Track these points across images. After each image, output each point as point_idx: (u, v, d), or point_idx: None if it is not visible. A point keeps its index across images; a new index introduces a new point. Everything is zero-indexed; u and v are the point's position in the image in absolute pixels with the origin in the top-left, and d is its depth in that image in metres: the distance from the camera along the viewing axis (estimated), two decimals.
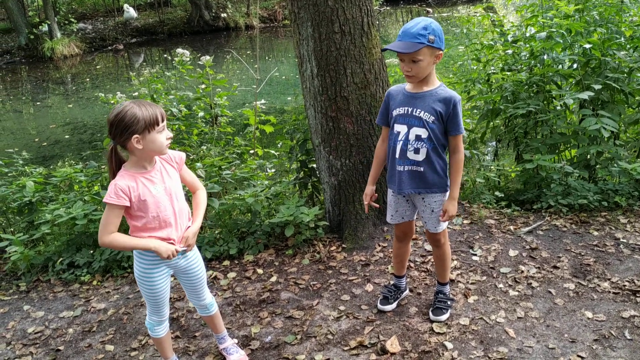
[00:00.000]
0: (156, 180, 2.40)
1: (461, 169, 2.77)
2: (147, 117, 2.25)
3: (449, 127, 2.70)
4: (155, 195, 2.37)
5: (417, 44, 2.51)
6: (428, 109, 2.67)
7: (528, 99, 4.47)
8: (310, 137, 4.15)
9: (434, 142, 2.70)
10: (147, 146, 2.29)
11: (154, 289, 2.53)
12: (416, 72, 2.59)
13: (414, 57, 2.55)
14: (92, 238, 4.15)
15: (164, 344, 2.74)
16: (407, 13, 23.37)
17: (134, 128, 2.23)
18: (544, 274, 3.43)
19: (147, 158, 2.38)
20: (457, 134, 2.71)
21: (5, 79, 16.57)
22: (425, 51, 2.54)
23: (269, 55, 16.37)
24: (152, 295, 2.54)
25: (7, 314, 3.63)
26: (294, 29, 3.84)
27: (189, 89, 5.54)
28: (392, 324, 3.05)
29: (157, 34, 21.41)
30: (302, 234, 3.97)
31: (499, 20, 5.56)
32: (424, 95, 2.70)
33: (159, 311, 2.61)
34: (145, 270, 2.49)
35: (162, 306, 2.60)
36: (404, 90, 2.77)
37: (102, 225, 2.32)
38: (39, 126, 10.62)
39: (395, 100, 2.79)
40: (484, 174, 4.66)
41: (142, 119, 2.24)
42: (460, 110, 2.70)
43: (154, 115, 2.27)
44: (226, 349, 2.90)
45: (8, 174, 5.11)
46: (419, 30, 2.51)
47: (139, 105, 2.26)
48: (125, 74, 15.42)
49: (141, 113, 2.24)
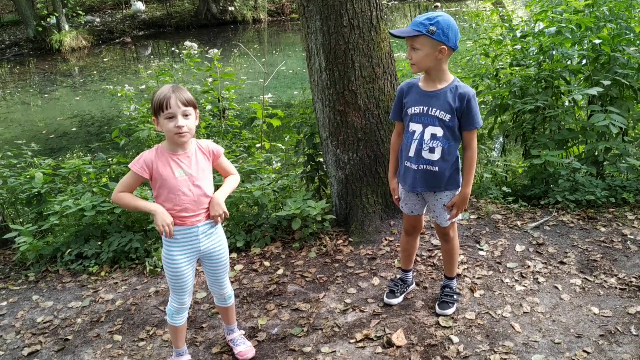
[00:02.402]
0: (183, 164, 2.47)
1: (474, 165, 2.77)
2: (155, 102, 2.37)
3: (462, 122, 2.70)
4: (177, 178, 2.44)
5: (414, 30, 2.55)
6: (444, 107, 2.67)
7: (536, 95, 4.46)
8: (318, 131, 4.16)
9: (449, 141, 2.70)
10: (162, 129, 2.40)
11: (177, 272, 2.56)
12: (415, 60, 2.61)
13: (413, 44, 2.58)
14: (100, 229, 4.17)
15: (179, 334, 2.76)
16: (415, 7, 23.29)
17: (153, 109, 2.39)
18: (550, 269, 3.43)
19: (170, 140, 2.44)
20: (471, 129, 2.71)
21: (13, 71, 16.65)
22: (423, 41, 2.56)
23: (276, 49, 16.36)
24: (174, 279, 2.57)
25: (16, 303, 3.67)
26: (303, 23, 3.84)
27: (197, 82, 5.56)
28: (398, 318, 3.06)
29: (165, 27, 21.45)
30: (308, 227, 3.99)
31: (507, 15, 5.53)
32: (439, 93, 2.69)
33: (181, 297, 2.63)
34: (168, 252, 2.54)
35: (184, 292, 2.62)
36: (418, 88, 2.76)
37: (118, 183, 2.47)
38: (47, 118, 10.67)
39: (410, 98, 2.78)
40: (491, 169, 4.65)
41: (153, 103, 2.38)
42: (476, 104, 2.69)
43: (160, 100, 2.35)
44: (233, 340, 2.92)
45: (17, 165, 5.14)
46: (422, 20, 2.56)
47: (162, 89, 2.38)
48: (133, 67, 15.46)
49: (155, 96, 2.37)
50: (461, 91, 2.66)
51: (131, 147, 4.78)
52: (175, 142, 2.43)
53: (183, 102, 2.36)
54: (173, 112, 2.34)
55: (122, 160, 4.74)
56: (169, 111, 2.34)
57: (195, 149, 2.53)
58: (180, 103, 2.35)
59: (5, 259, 4.48)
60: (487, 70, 5.14)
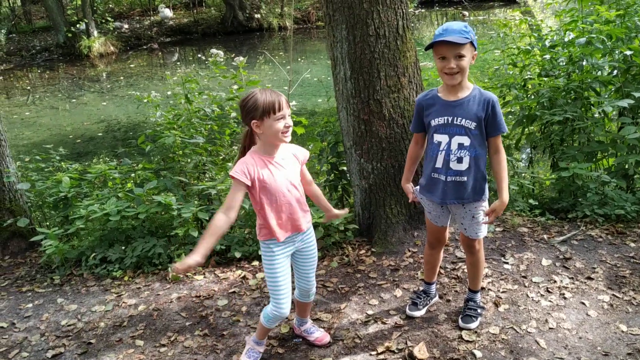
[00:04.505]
0: (280, 166, 2.55)
1: (506, 168, 2.72)
2: (265, 104, 2.43)
3: (488, 128, 2.67)
4: (277, 180, 2.52)
5: (465, 38, 2.52)
6: (469, 115, 2.64)
7: (565, 106, 4.38)
8: (342, 140, 4.15)
9: (476, 149, 2.67)
10: (265, 131, 2.46)
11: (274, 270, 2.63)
12: (462, 67, 2.57)
13: (459, 52, 2.54)
14: (124, 234, 4.22)
15: (267, 332, 2.87)
16: (442, 16, 23.18)
17: (253, 114, 2.44)
18: (577, 284, 3.35)
19: (269, 143, 2.53)
20: (497, 134, 2.69)
21: (43, 76, 17.00)
22: (468, 48, 2.56)
23: (301, 56, 16.42)
24: (271, 278, 2.64)
25: (41, 305, 3.71)
26: (328, 32, 3.84)
27: (222, 89, 5.59)
28: (420, 330, 3.02)
29: (191, 33, 21.70)
30: (331, 237, 3.97)
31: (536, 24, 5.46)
32: (462, 102, 2.66)
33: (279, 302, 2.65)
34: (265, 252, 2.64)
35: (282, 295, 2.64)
36: (440, 99, 2.73)
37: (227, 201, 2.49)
38: (74, 123, 10.86)
39: (432, 110, 2.75)
40: (517, 180, 4.58)
41: (261, 106, 2.43)
42: (499, 109, 2.68)
43: (272, 102, 2.43)
44: (307, 329, 3.01)
45: (45, 169, 5.23)
46: (462, 28, 2.55)
47: (262, 93, 2.45)
48: (160, 73, 15.66)
49: (262, 100, 2.43)
50: (485, 98, 2.65)
51: (156, 153, 4.83)
52: (279, 141, 2.52)
53: (287, 103, 2.50)
54: (284, 113, 2.45)
55: (147, 166, 4.79)
56: (281, 112, 2.44)
57: (287, 151, 2.63)
58: (287, 105, 2.48)
59: (32, 261, 4.55)
60: (515, 80, 5.08)
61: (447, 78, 2.63)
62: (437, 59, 2.62)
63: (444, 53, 2.57)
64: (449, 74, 2.60)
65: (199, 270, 3.95)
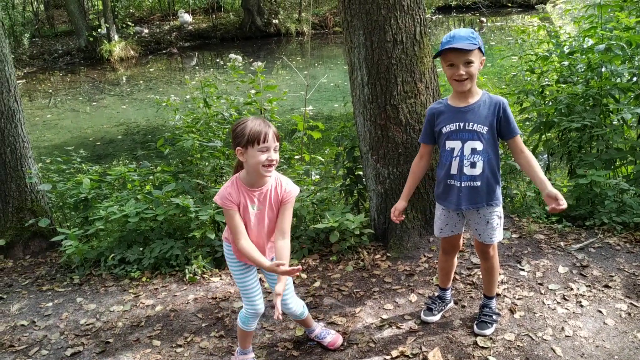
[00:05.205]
0: (256, 200, 2.53)
1: (537, 163, 2.68)
2: (252, 133, 2.39)
3: (503, 132, 2.68)
4: (250, 213, 2.52)
5: (472, 44, 2.54)
6: (480, 120, 2.65)
7: (583, 112, 4.36)
8: (358, 145, 4.17)
9: (489, 153, 2.68)
10: (248, 160, 2.44)
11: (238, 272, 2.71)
12: (472, 73, 2.59)
13: (468, 58, 2.56)
14: (142, 236, 4.28)
15: (249, 337, 2.90)
16: (459, 22, 23.12)
17: (239, 140, 2.42)
18: (594, 292, 3.33)
19: (252, 173, 2.49)
20: (514, 135, 2.69)
21: (64, 80, 17.27)
22: (476, 54, 2.58)
23: (318, 61, 16.48)
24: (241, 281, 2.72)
25: (61, 305, 3.78)
26: (346, 37, 3.87)
27: (240, 93, 5.65)
28: (435, 336, 3.02)
29: (210, 38, 21.91)
30: (346, 241, 3.99)
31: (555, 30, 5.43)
32: (472, 107, 2.68)
33: (251, 303, 2.73)
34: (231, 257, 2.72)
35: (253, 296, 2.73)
36: (450, 107, 2.75)
37: (233, 233, 2.53)
38: (94, 125, 11.02)
39: (442, 118, 2.76)
40: (534, 187, 4.56)
41: (247, 134, 2.39)
42: (510, 111, 2.69)
43: (258, 133, 2.39)
44: (318, 335, 3.02)
45: (65, 171, 5.33)
46: (469, 34, 2.57)
47: (253, 121, 2.42)
48: (178, 77, 15.82)
49: (249, 128, 2.40)
50: (495, 101, 2.67)
51: (175, 156, 4.89)
52: (260, 174, 2.47)
53: (277, 137, 2.45)
54: (268, 146, 2.41)
55: (166, 169, 4.85)
56: (265, 144, 2.40)
57: (272, 185, 2.57)
58: (275, 138, 2.44)
59: (52, 261, 4.64)
60: (533, 86, 5.06)
61: (457, 85, 2.64)
62: (446, 66, 2.64)
63: (452, 60, 2.59)
64: (459, 80, 2.61)
65: (215, 272, 3.99)
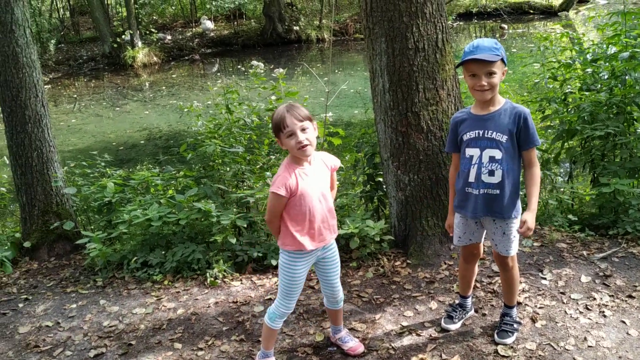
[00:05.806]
0: (309, 174, 2.61)
1: (539, 182, 2.72)
2: (274, 123, 2.55)
3: (521, 141, 2.68)
4: (306, 188, 2.58)
5: (495, 55, 2.54)
6: (500, 128, 2.65)
7: (607, 120, 4.32)
8: (379, 151, 4.18)
9: (508, 163, 2.68)
10: (285, 146, 2.56)
11: (295, 281, 2.72)
12: (494, 84, 2.59)
13: (490, 69, 2.57)
14: (165, 239, 4.33)
15: (273, 337, 2.90)
16: (480, 29, 23.01)
17: (273, 131, 2.60)
18: (618, 302, 3.29)
19: (295, 155, 2.58)
20: (530, 147, 2.68)
21: (88, 85, 17.58)
22: (499, 65, 2.59)
23: (338, 68, 16.53)
24: (289, 286, 2.73)
25: (84, 306, 3.85)
26: (368, 44, 3.89)
27: (261, 99, 5.70)
28: (455, 344, 3.01)
29: (232, 45, 22.12)
30: (366, 247, 3.99)
31: (577, 38, 5.39)
32: (493, 115, 2.69)
33: (289, 303, 2.76)
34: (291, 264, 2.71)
35: (294, 298, 2.77)
36: (471, 115, 2.76)
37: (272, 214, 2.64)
38: (117, 130, 11.19)
39: (464, 125, 2.78)
40: (556, 195, 4.52)
41: (273, 124, 2.56)
42: (532, 122, 2.68)
43: (277, 122, 2.52)
44: (342, 338, 3.04)
45: (90, 175, 5.42)
46: (493, 45, 2.58)
47: (276, 111, 2.55)
48: (200, 83, 16.00)
49: (273, 118, 2.56)
50: (516, 111, 2.66)
51: (197, 161, 4.96)
52: (300, 156, 2.57)
53: (298, 118, 2.50)
54: (291, 130, 2.49)
55: (188, 174, 4.91)
56: (287, 130, 2.49)
57: (318, 160, 2.68)
58: (296, 120, 2.49)
59: (76, 263, 4.72)
60: (555, 94, 5.02)
61: (478, 94, 2.66)
62: (468, 76, 2.64)
63: (474, 70, 2.59)
64: (480, 90, 2.62)
65: (236, 276, 4.03)
